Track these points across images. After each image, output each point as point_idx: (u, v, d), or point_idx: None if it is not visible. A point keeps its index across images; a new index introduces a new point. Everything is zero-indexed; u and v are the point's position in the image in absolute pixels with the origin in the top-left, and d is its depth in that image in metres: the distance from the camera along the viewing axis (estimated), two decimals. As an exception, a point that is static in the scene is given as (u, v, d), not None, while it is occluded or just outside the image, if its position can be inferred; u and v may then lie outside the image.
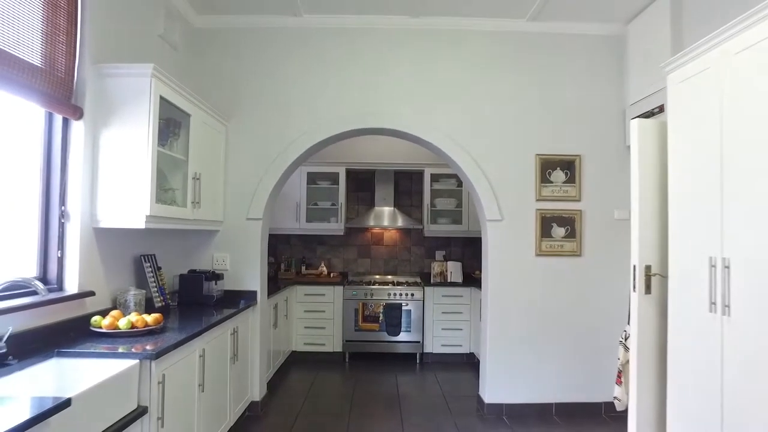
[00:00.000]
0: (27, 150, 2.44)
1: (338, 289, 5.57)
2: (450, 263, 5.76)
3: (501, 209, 3.95)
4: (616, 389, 2.78)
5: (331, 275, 6.02)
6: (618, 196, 3.94)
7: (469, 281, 5.64)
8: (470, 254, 6.14)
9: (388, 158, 5.94)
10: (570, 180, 3.98)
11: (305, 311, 5.56)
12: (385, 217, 5.95)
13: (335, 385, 4.74)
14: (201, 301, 3.51)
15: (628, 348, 2.61)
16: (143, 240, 3.23)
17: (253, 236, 3.91)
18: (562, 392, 3.92)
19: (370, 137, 5.04)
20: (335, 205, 5.97)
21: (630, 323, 2.57)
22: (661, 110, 3.35)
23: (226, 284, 3.84)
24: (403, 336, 5.50)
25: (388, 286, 5.59)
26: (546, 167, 3.98)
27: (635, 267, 2.52)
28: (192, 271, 3.63)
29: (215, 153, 3.71)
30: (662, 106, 3.30)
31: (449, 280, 5.68)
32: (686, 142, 2.34)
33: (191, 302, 3.50)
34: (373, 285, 5.61)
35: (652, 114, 3.50)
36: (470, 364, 5.37)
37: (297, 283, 5.58)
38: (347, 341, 5.52)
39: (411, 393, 4.51)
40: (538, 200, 3.96)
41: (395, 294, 5.52)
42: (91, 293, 2.60)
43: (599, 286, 3.94)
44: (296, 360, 5.47)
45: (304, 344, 5.54)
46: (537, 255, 3.94)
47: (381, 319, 5.50)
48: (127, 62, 2.90)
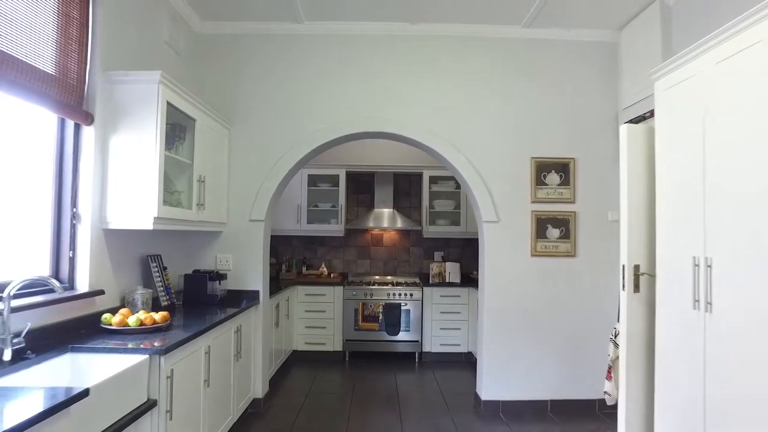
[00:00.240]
0: (40, 154, 2.54)
1: (338, 290, 5.67)
2: (448, 264, 5.86)
3: (497, 211, 4.05)
4: (607, 384, 2.89)
5: (332, 276, 6.12)
6: (611, 198, 4.04)
7: (468, 281, 5.73)
8: (468, 255, 6.24)
9: (388, 161, 6.05)
10: (564, 182, 4.08)
11: (306, 311, 5.66)
12: (385, 219, 6.05)
13: (336, 384, 4.83)
14: (205, 301, 3.60)
15: (618, 345, 2.71)
16: (149, 241, 3.33)
17: (256, 237, 4.01)
18: (557, 389, 4.02)
19: (370, 140, 5.15)
20: (335, 207, 6.07)
21: (619, 321, 2.67)
22: (653, 115, 3.44)
23: (229, 284, 3.93)
24: (403, 335, 5.60)
25: (388, 287, 5.69)
26: (541, 170, 4.08)
27: (624, 267, 2.63)
28: (196, 271, 3.73)
29: (219, 156, 3.81)
30: (653, 111, 3.40)
31: (447, 281, 5.78)
32: (672, 147, 2.44)
33: (196, 301, 3.59)
34: (373, 285, 5.71)
35: (644, 118, 3.60)
36: (468, 363, 5.46)
37: (298, 284, 5.68)
38: (347, 340, 5.62)
39: (410, 391, 4.61)
40: (534, 202, 4.06)
41: (394, 294, 5.62)
42: (101, 292, 2.70)
43: (593, 286, 4.04)
44: (297, 359, 5.57)
45: (305, 343, 5.64)
46: (532, 255, 4.05)
47: (380, 319, 5.60)
48: (134, 68, 3.00)
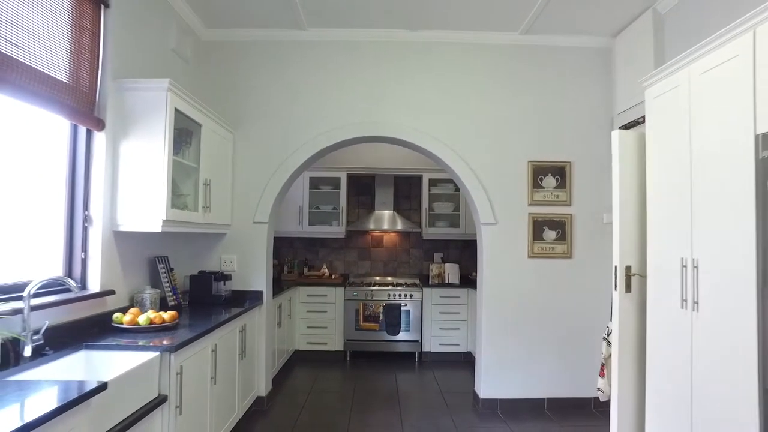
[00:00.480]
0: (54, 159, 2.64)
1: (339, 290, 5.76)
2: (448, 265, 5.95)
3: (495, 213, 4.15)
4: (600, 381, 2.98)
5: (333, 277, 6.22)
6: (607, 201, 4.13)
7: (467, 282, 5.83)
8: (467, 256, 6.34)
9: (388, 163, 6.15)
10: (561, 185, 4.18)
11: (308, 311, 5.76)
12: (385, 221, 6.15)
13: (337, 383, 4.92)
14: (210, 301, 3.70)
15: (611, 343, 2.81)
16: (157, 242, 3.43)
17: (260, 239, 4.10)
18: (554, 388, 4.11)
19: (371, 143, 5.24)
20: (337, 209, 6.17)
21: (612, 320, 2.77)
22: (645, 120, 3.55)
23: (234, 284, 4.03)
24: (403, 335, 5.69)
25: (388, 287, 5.78)
26: (538, 173, 4.18)
27: (616, 268, 2.72)
28: (202, 272, 3.83)
29: (224, 160, 3.91)
30: (646, 117, 3.50)
31: (447, 282, 5.87)
32: (661, 153, 2.54)
33: (201, 301, 3.69)
34: (374, 286, 5.81)
35: (638, 123, 3.70)
36: (467, 363, 5.56)
37: (300, 285, 5.78)
38: (348, 340, 5.71)
39: (410, 390, 4.70)
40: (531, 205, 4.16)
41: (395, 295, 5.72)
42: (112, 292, 2.80)
43: (589, 287, 4.13)
44: (299, 358, 5.67)
45: (307, 343, 5.74)
46: (529, 257, 4.14)
47: (381, 319, 5.69)
48: (143, 75, 3.11)
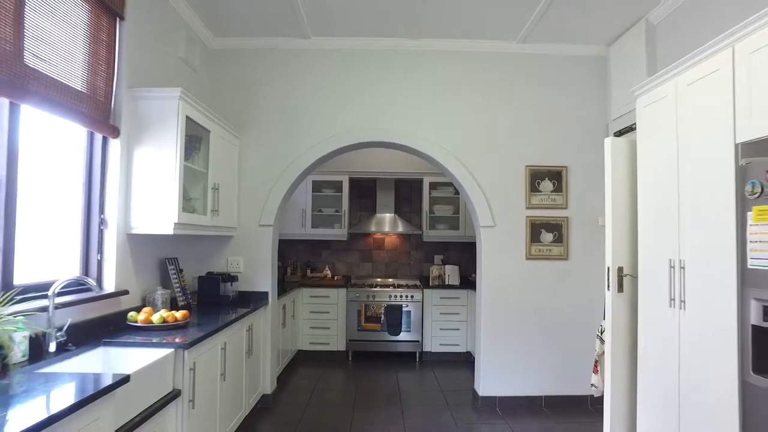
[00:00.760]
0: (72, 165, 2.76)
1: (342, 292, 5.88)
2: (448, 267, 6.08)
3: (494, 216, 4.27)
4: (593, 377, 3.10)
5: (335, 278, 6.34)
6: (602, 204, 4.20)
7: (466, 284, 5.94)
8: (467, 258, 6.46)
9: (389, 167, 6.27)
10: (557, 189, 4.30)
11: (311, 312, 5.88)
12: (386, 223, 6.27)
13: (340, 382, 5.04)
14: (218, 301, 3.82)
15: (604, 341, 2.92)
16: (167, 245, 3.55)
17: (265, 241, 4.23)
18: (551, 385, 4.23)
19: (372, 148, 5.37)
20: (339, 212, 6.29)
21: (605, 318, 2.89)
22: (638, 126, 3.68)
23: (240, 286, 4.15)
24: (404, 336, 5.81)
25: (389, 289, 5.90)
26: (535, 177, 4.31)
27: (609, 269, 2.84)
28: (210, 273, 3.95)
29: (230, 165, 4.04)
30: (639, 123, 3.63)
31: (447, 283, 5.99)
32: (651, 160, 2.66)
33: (209, 302, 3.81)
34: (375, 287, 5.93)
35: (631, 129, 3.82)
36: (467, 362, 5.67)
37: (303, 286, 5.90)
38: (350, 341, 5.83)
39: (411, 388, 4.82)
40: (528, 208, 4.28)
41: (396, 296, 5.83)
42: (126, 292, 2.92)
43: (585, 287, 4.25)
44: (302, 358, 5.78)
45: (310, 343, 5.85)
46: (527, 259, 4.26)
47: (382, 320, 5.81)
48: (154, 83, 3.24)
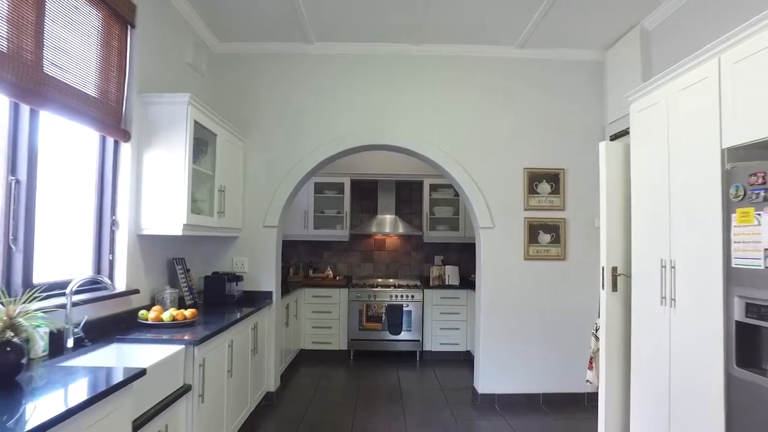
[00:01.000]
0: (84, 168, 2.86)
1: (343, 292, 5.98)
2: (448, 267, 6.17)
3: (493, 218, 4.37)
4: (588, 373, 3.19)
5: (337, 279, 6.44)
6: (598, 206, 4.33)
7: (466, 284, 6.04)
8: (467, 259, 6.55)
9: (390, 169, 6.37)
10: (555, 191, 4.40)
11: (313, 312, 5.97)
12: (387, 225, 6.37)
13: (342, 380, 5.13)
14: (224, 300, 3.91)
15: (598, 338, 3.02)
16: (175, 245, 3.65)
17: (269, 242, 4.33)
18: (549, 383, 4.33)
19: (374, 150, 5.47)
20: (341, 213, 6.39)
21: (600, 317, 2.98)
22: (633, 130, 3.77)
23: (245, 285, 4.25)
24: (404, 335, 5.90)
25: (390, 289, 6.00)
26: (533, 179, 4.40)
27: (603, 268, 2.94)
28: (215, 273, 4.04)
29: (236, 167, 4.14)
30: (634, 127, 3.73)
31: (447, 283, 6.09)
32: (644, 163, 2.76)
33: (215, 301, 3.90)
34: (376, 287, 6.02)
35: (627, 133, 3.90)
36: (467, 361, 5.76)
37: (305, 286, 5.99)
38: (352, 340, 5.92)
39: (411, 386, 4.91)
40: (526, 209, 4.38)
41: (396, 296, 5.93)
42: (137, 291, 3.02)
43: (581, 287, 4.34)
44: (305, 357, 5.88)
45: (312, 343, 5.95)
46: (525, 259, 4.36)
47: (383, 320, 5.90)
48: (162, 88, 3.34)
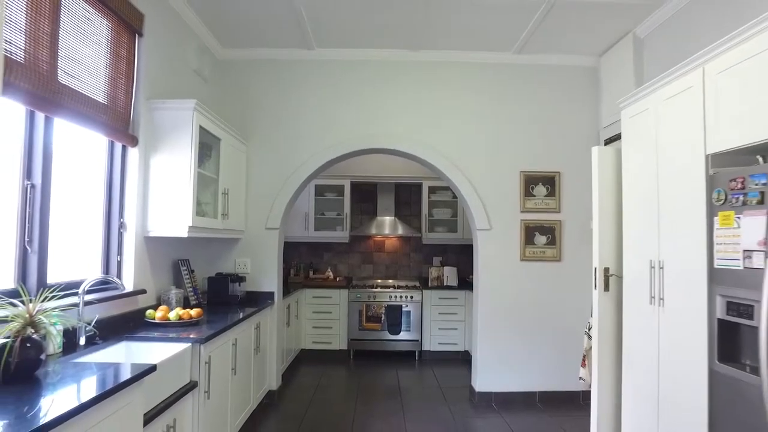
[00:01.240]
0: (94, 172, 2.96)
1: (343, 292, 6.08)
2: (446, 268, 6.27)
3: (490, 220, 4.47)
4: (581, 371, 3.29)
5: (337, 279, 6.53)
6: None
7: (464, 285, 6.13)
8: (465, 260, 6.64)
9: (390, 172, 6.47)
10: (551, 194, 4.50)
11: (313, 312, 6.07)
12: (387, 226, 6.47)
13: (342, 379, 5.23)
14: (227, 301, 4.01)
15: (591, 336, 3.11)
16: (179, 247, 3.74)
17: (271, 244, 4.42)
18: (545, 381, 4.42)
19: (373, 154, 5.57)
20: (341, 215, 6.49)
21: (592, 316, 3.08)
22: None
23: (247, 286, 4.34)
24: (403, 335, 6.00)
25: (390, 290, 6.09)
26: (529, 182, 4.50)
27: (596, 269, 3.04)
28: (219, 274, 4.14)
29: (239, 171, 4.24)
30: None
31: (445, 284, 6.19)
32: (634, 168, 2.86)
33: (219, 301, 3.99)
34: (376, 288, 6.12)
35: (620, 137, 4.02)
36: (465, 361, 5.86)
37: (306, 287, 6.09)
38: (352, 340, 6.02)
39: (410, 385, 5.01)
40: (523, 212, 4.48)
41: (396, 296, 6.03)
42: (144, 291, 3.11)
43: (576, 288, 4.44)
44: (305, 357, 5.97)
45: (313, 342, 6.04)
46: (522, 260, 4.46)
47: (383, 320, 6.00)
48: (168, 94, 3.43)
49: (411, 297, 6.02)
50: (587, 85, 4.58)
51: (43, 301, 1.97)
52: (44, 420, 1.38)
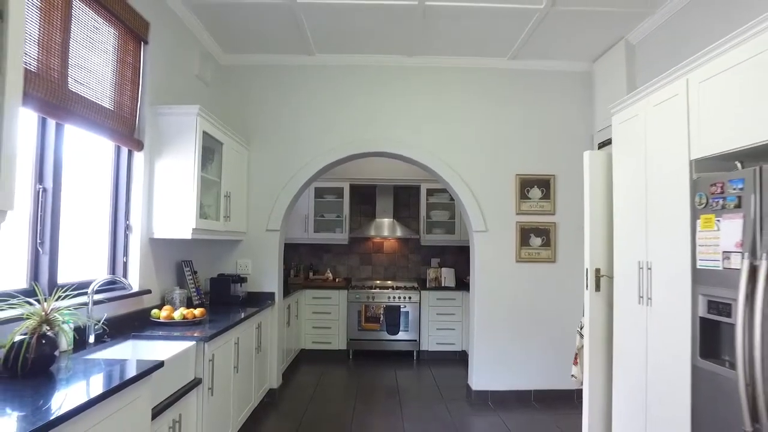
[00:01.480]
0: (100, 176, 3.05)
1: (343, 293, 6.17)
2: (444, 269, 6.37)
3: (486, 222, 4.56)
4: (573, 368, 3.38)
5: (336, 280, 6.62)
6: (587, 211, 4.55)
7: (462, 286, 6.22)
8: (463, 261, 6.71)
9: (388, 175, 6.56)
10: (546, 196, 4.60)
11: (313, 313, 6.16)
12: (385, 228, 6.57)
13: (341, 379, 5.32)
14: (229, 301, 4.10)
15: (583, 335, 3.21)
16: (183, 248, 3.83)
17: (272, 245, 4.52)
18: (540, 380, 4.51)
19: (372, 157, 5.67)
20: (340, 217, 6.58)
21: (584, 315, 3.17)
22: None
23: (249, 287, 4.44)
24: (402, 335, 6.09)
25: (388, 290, 6.19)
26: (525, 185, 4.60)
27: (587, 270, 3.13)
28: (221, 275, 4.23)
29: (240, 174, 4.33)
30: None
31: (443, 285, 6.28)
32: (624, 172, 2.95)
33: (221, 301, 4.08)
34: (375, 289, 6.21)
35: (613, 141, 4.12)
36: (462, 361, 5.93)
37: (306, 288, 6.18)
38: (351, 340, 6.11)
39: (408, 384, 5.10)
40: (518, 214, 4.58)
41: (394, 297, 6.12)
42: (149, 291, 3.21)
43: (571, 288, 4.53)
44: (305, 357, 6.06)
45: (312, 342, 6.14)
46: (517, 261, 4.56)
47: (382, 320, 6.09)
48: (171, 99, 3.53)
49: (409, 298, 6.11)
50: (581, 90, 4.68)
51: (57, 300, 2.07)
52: (61, 411, 1.47)
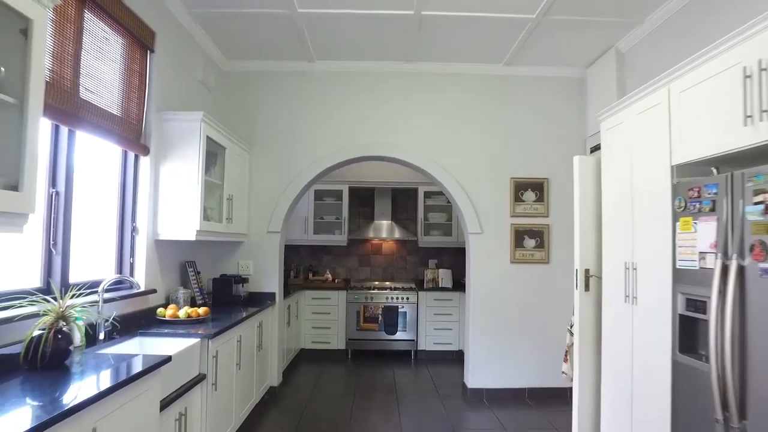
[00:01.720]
0: (109, 180, 3.17)
1: (342, 294, 6.28)
2: (441, 270, 6.48)
3: (481, 224, 4.68)
4: (564, 366, 3.50)
5: (336, 281, 6.74)
6: (580, 213, 4.67)
7: (459, 287, 6.32)
8: (460, 262, 6.81)
9: (387, 177, 6.68)
10: (539, 199, 4.72)
11: (313, 313, 6.27)
12: (384, 230, 6.68)
13: (340, 377, 5.43)
14: (231, 300, 4.21)
15: (573, 333, 3.33)
16: (186, 249, 3.95)
17: (273, 246, 4.63)
18: (534, 378, 4.63)
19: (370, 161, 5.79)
20: (339, 219, 6.70)
21: (574, 314, 3.29)
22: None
23: (250, 287, 4.55)
24: (400, 335, 6.20)
25: (386, 291, 6.30)
26: (519, 188, 4.72)
27: (577, 270, 3.25)
28: (223, 276, 4.34)
29: (242, 177, 4.45)
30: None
31: (440, 286, 6.39)
32: (611, 176, 3.07)
33: (223, 301, 4.19)
34: (373, 290, 6.33)
35: (604, 145, 4.24)
36: (459, 360, 6.05)
37: (305, 288, 6.29)
38: (350, 340, 6.22)
39: (406, 383, 5.21)
40: (513, 216, 4.70)
41: (392, 298, 6.23)
42: (154, 291, 3.32)
43: (564, 288, 4.64)
44: (305, 356, 6.17)
45: (312, 342, 6.25)
46: (512, 262, 4.67)
47: (380, 320, 6.20)
48: (175, 105, 3.65)
49: (407, 298, 6.23)
50: (575, 95, 4.80)
51: (74, 298, 2.19)
52: (78, 401, 1.59)
